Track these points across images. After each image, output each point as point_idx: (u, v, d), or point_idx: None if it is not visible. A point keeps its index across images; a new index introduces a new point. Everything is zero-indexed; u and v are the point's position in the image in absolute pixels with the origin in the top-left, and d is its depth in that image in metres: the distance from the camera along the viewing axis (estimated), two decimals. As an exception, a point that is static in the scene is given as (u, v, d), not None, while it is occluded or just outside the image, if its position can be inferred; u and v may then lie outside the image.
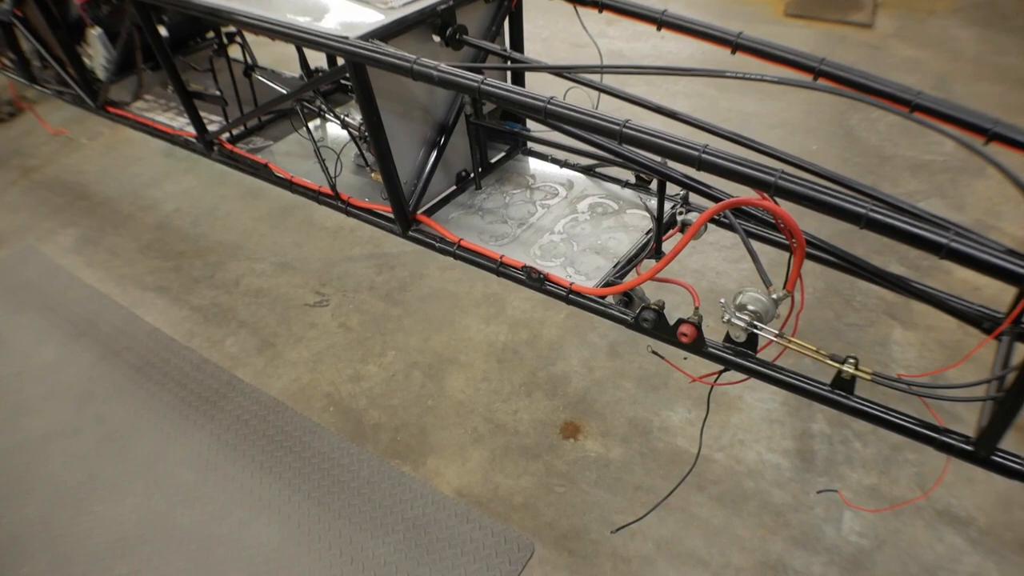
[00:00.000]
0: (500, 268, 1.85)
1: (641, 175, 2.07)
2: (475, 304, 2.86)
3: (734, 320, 1.54)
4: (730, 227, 1.88)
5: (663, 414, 2.44)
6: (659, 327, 1.64)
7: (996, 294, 2.63)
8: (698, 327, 1.59)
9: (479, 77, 1.48)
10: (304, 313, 2.90)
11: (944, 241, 1.13)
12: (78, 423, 2.59)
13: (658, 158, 1.65)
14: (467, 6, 1.92)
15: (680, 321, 1.61)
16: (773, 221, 1.74)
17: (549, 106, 1.40)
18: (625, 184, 2.11)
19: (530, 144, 2.29)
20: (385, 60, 1.60)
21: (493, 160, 2.25)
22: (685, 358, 1.82)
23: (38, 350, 2.90)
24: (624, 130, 1.34)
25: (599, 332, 2.70)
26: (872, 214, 1.18)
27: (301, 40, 1.77)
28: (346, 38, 1.67)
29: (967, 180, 3.41)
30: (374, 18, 1.76)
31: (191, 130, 2.60)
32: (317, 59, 2.67)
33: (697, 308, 1.61)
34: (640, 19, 1.82)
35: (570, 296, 1.75)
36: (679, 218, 1.92)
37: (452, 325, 2.78)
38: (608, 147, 1.74)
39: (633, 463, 2.30)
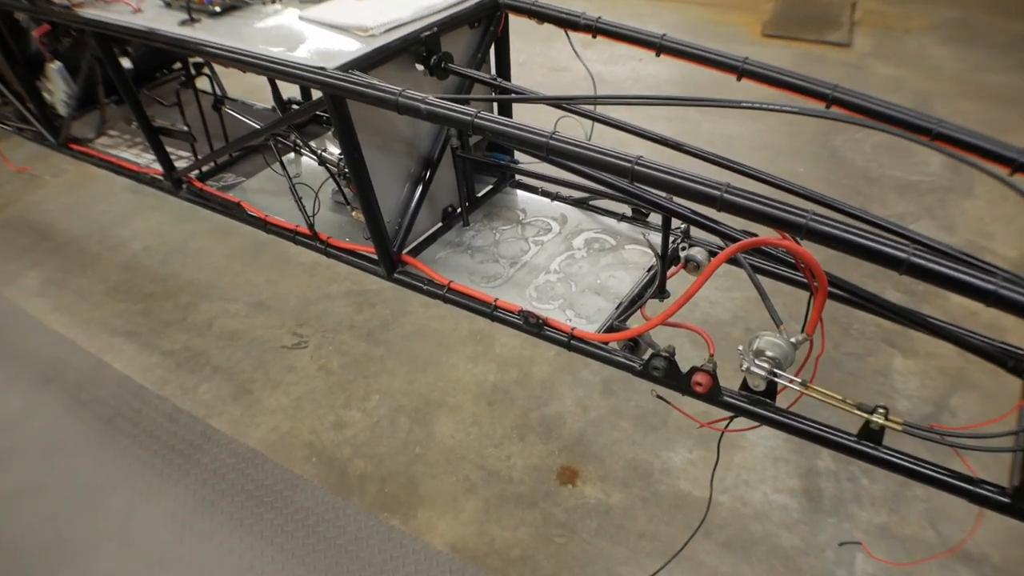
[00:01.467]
0: (494, 312, 1.73)
1: (640, 208, 1.97)
2: (461, 342, 2.73)
3: (754, 369, 1.44)
4: (735, 262, 1.79)
5: (663, 455, 2.32)
6: (671, 376, 1.53)
7: (993, 319, 2.57)
8: (713, 375, 1.49)
9: (471, 110, 1.37)
10: (281, 356, 2.76)
11: (992, 288, 1.03)
12: (44, 479, 2.42)
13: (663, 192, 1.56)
14: (451, 32, 1.82)
15: (694, 369, 1.50)
16: (788, 258, 1.65)
17: (552, 142, 1.29)
18: (621, 217, 2.02)
19: (518, 176, 2.19)
20: (367, 93, 1.49)
21: (480, 194, 2.14)
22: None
23: (1, 400, 2.71)
24: (636, 167, 1.23)
25: (592, 369, 2.59)
26: (914, 259, 1.09)
27: (275, 72, 1.65)
28: (324, 69, 1.56)
29: (955, 200, 3.37)
30: (353, 47, 1.65)
31: (158, 167, 2.46)
32: (290, 90, 2.56)
33: (712, 355, 1.50)
34: (638, 44, 1.73)
35: (572, 342, 1.64)
36: (682, 254, 1.81)
37: (438, 365, 2.65)
38: (608, 181, 1.63)
39: (635, 509, 2.18)
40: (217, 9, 1.91)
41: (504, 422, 2.43)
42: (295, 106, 2.62)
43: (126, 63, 2.72)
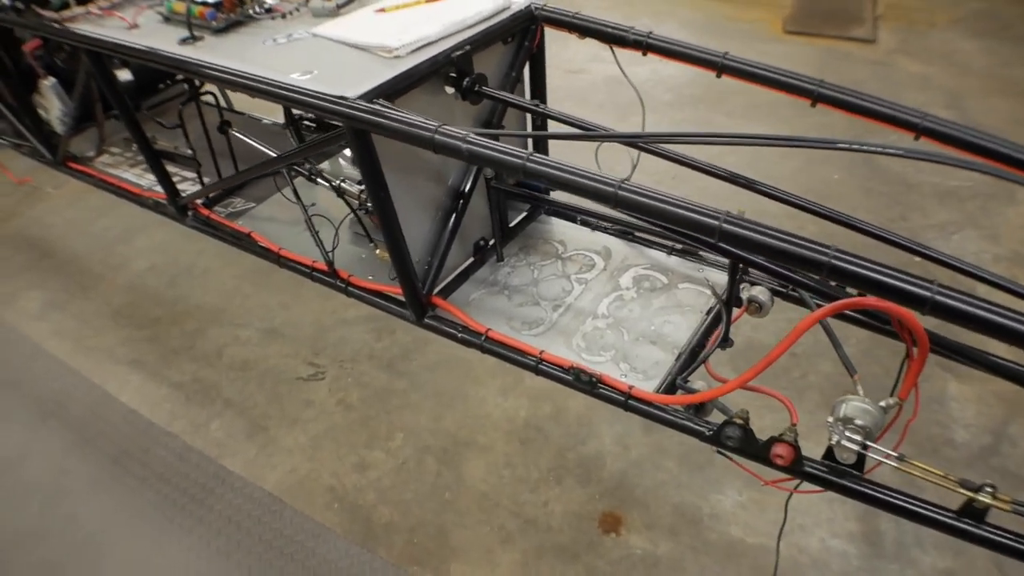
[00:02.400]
0: (540, 366, 1.55)
1: (695, 246, 1.79)
2: (489, 373, 2.56)
3: (844, 443, 1.26)
4: (799, 301, 1.62)
5: (712, 498, 2.15)
6: (746, 445, 1.36)
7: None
8: (796, 447, 1.31)
9: (523, 153, 1.19)
10: (297, 388, 2.59)
11: None
12: (46, 525, 2.26)
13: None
14: (483, 51, 1.63)
15: (772, 440, 1.33)
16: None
17: (620, 192, 1.11)
18: (671, 251, 1.83)
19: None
20: (398, 128, 1.31)
21: (512, 224, 1.96)
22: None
23: (-1, 435, 2.56)
24: (724, 226, 1.05)
25: (631, 401, 2.41)
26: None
27: (289, 100, 1.47)
28: (345, 98, 1.37)
29: (998, 207, 3.18)
30: (377, 71, 1.46)
31: (161, 189, 2.29)
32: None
33: (794, 425, 1.33)
34: (695, 63, 1.54)
35: (629, 403, 1.47)
36: (744, 295, 1.63)
37: (465, 399, 2.48)
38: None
39: (685, 560, 2.02)
40: (220, 25, 1.72)
41: (539, 463, 2.26)
42: (307, 123, 2.44)
43: (125, 75, 2.54)
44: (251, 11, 1.75)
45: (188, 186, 2.35)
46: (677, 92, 4.18)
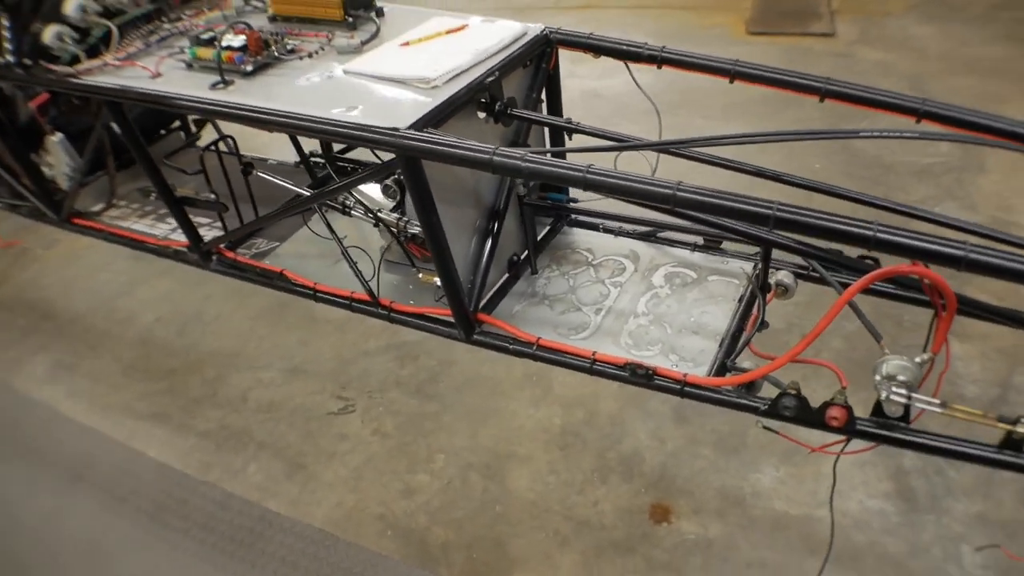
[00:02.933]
0: (594, 367, 1.64)
1: (711, 238, 1.90)
2: (517, 386, 2.63)
3: (892, 396, 1.37)
4: (821, 280, 1.73)
5: (751, 478, 2.25)
6: (802, 414, 1.45)
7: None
8: (849, 408, 1.42)
9: (582, 166, 1.28)
10: (329, 423, 2.63)
11: None
12: (92, 588, 2.26)
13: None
14: (508, 76, 1.72)
15: (826, 404, 1.43)
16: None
17: (679, 193, 1.21)
18: (694, 247, 1.94)
19: (575, 215, 2.10)
20: (455, 154, 1.39)
21: (539, 238, 2.05)
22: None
23: (29, 503, 2.53)
24: (778, 213, 1.16)
25: (659, 398, 2.50)
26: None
27: (342, 137, 1.54)
28: (397, 130, 1.45)
29: (971, 178, 3.38)
30: (419, 101, 1.54)
31: (178, 238, 2.33)
32: (308, 143, 2.44)
33: (844, 388, 1.44)
34: (709, 72, 1.66)
35: (685, 390, 1.56)
36: (772, 280, 1.74)
37: (498, 414, 2.55)
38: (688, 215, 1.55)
39: (736, 539, 2.11)
40: (249, 68, 1.78)
41: (582, 466, 2.34)
42: (315, 159, 2.51)
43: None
44: (276, 53, 1.82)
45: (205, 232, 2.38)
46: (656, 97, 4.33)
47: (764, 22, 4.90)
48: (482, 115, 1.67)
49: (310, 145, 2.49)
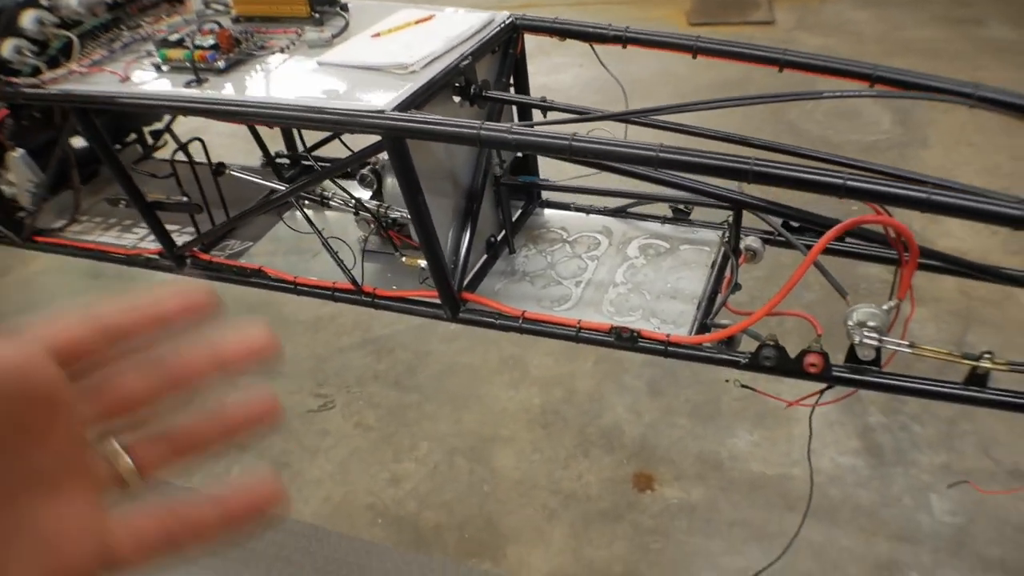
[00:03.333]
0: (580, 334, 1.70)
1: (679, 207, 1.99)
2: (495, 371, 2.69)
3: (865, 340, 1.47)
4: (786, 244, 1.83)
5: (728, 443, 2.35)
6: (782, 363, 1.54)
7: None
8: (825, 355, 1.51)
9: (567, 133, 1.34)
10: (310, 421, 2.64)
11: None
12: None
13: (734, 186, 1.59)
14: (479, 61, 1.78)
15: (803, 352, 1.52)
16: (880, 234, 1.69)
17: (661, 155, 1.28)
18: (664, 220, 2.02)
19: (545, 196, 2.17)
20: (443, 131, 1.44)
21: (514, 218, 2.10)
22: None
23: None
24: (755, 168, 1.24)
25: (632, 373, 2.59)
26: None
27: (327, 123, 1.58)
28: (381, 111, 1.50)
29: (914, 153, 3.56)
30: (398, 86, 1.59)
31: (147, 246, 2.32)
32: (273, 143, 2.46)
33: (819, 336, 1.53)
34: (672, 49, 1.74)
35: (669, 349, 1.63)
36: (740, 245, 1.83)
37: (479, 399, 2.59)
38: (662, 181, 1.63)
39: (718, 501, 2.19)
40: (222, 65, 1.80)
41: (564, 442, 2.40)
42: (280, 160, 2.52)
43: (79, 141, 2.55)
44: (248, 50, 1.84)
45: (177, 238, 2.37)
46: (605, 93, 4.44)
47: (704, 12, 5.06)
48: (457, 99, 1.72)
49: (274, 147, 2.51)
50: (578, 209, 2.12)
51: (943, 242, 3.04)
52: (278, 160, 2.53)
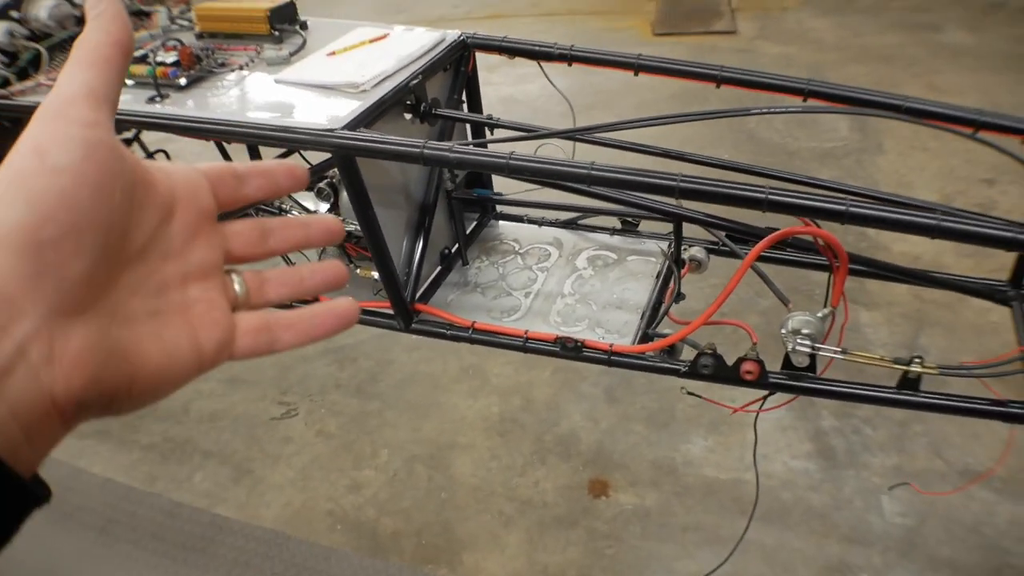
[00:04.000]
0: (527, 344, 1.74)
1: (629, 219, 2.04)
2: (455, 380, 2.73)
3: (798, 348, 1.53)
4: (730, 253, 1.89)
5: (682, 448, 2.40)
6: (719, 371, 1.59)
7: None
8: (760, 362, 1.57)
9: (505, 153, 1.39)
10: (273, 428, 2.67)
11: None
12: (41, 610, 2.25)
13: (673, 201, 1.65)
14: (431, 79, 1.83)
15: (740, 360, 1.58)
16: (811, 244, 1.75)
17: (593, 172, 1.34)
18: (612, 231, 2.07)
19: (500, 208, 2.22)
20: (388, 149, 1.49)
21: (467, 231, 2.15)
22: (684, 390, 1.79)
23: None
24: (682, 184, 1.30)
25: (590, 381, 2.64)
26: (943, 224, 1.21)
27: (278, 140, 1.61)
28: (331, 130, 1.54)
29: (870, 159, 3.65)
30: (349, 105, 1.63)
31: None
32: (239, 154, 2.49)
33: (755, 344, 1.58)
34: (615, 67, 1.80)
35: (612, 358, 1.68)
36: (685, 255, 1.89)
37: (439, 407, 2.63)
38: (612, 197, 1.68)
39: (672, 505, 2.25)
40: (183, 82, 1.84)
41: (521, 450, 2.44)
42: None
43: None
44: (208, 67, 1.88)
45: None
46: (571, 101, 4.51)
47: (668, 23, 5.15)
48: (408, 116, 1.77)
49: (240, 159, 2.54)
50: (531, 221, 2.17)
51: (898, 247, 3.12)
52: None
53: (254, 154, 2.53)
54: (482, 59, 2.02)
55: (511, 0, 6.22)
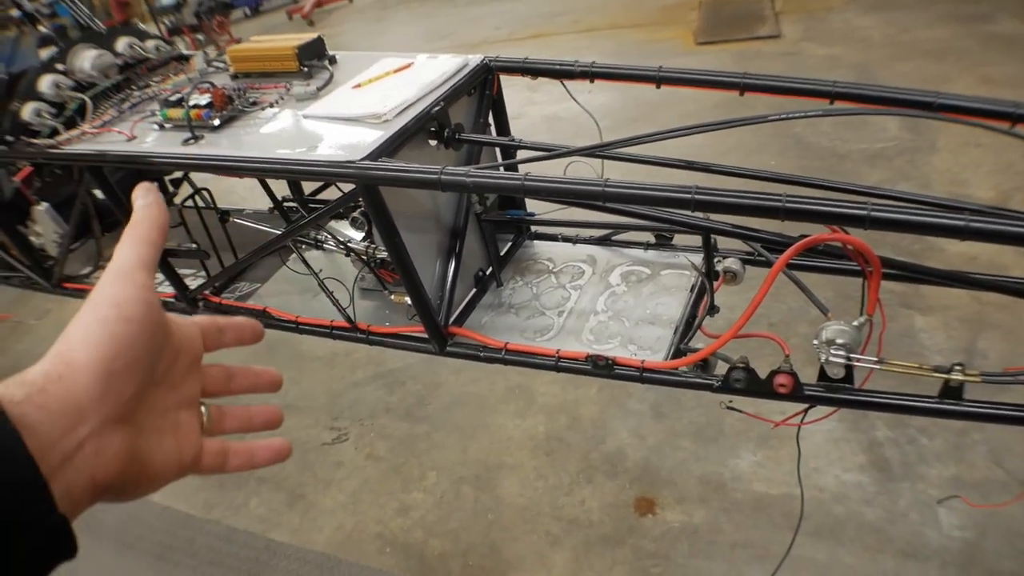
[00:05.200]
0: (559, 364, 1.74)
1: (664, 233, 2.02)
2: (502, 400, 2.74)
3: (832, 359, 1.48)
4: (766, 264, 1.85)
5: (730, 463, 2.35)
6: (752, 385, 1.56)
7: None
8: (794, 375, 1.53)
9: (519, 175, 1.40)
10: (325, 453, 2.72)
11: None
12: (107, 636, 2.34)
13: (700, 214, 1.62)
14: (455, 104, 1.86)
15: (773, 373, 1.54)
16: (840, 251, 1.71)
17: (607, 189, 1.33)
18: (647, 246, 2.06)
19: (534, 228, 2.23)
20: (406, 177, 1.52)
21: (502, 253, 2.17)
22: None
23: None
24: (696, 196, 1.28)
25: (636, 397, 2.61)
26: (972, 224, 1.16)
27: (303, 174, 1.67)
28: (351, 162, 1.58)
29: (924, 158, 3.52)
30: (372, 135, 1.67)
31: (164, 289, 2.44)
32: (279, 188, 2.57)
33: (788, 356, 1.55)
34: (637, 81, 1.79)
35: (644, 375, 1.66)
36: (719, 267, 1.86)
37: (486, 428, 2.65)
38: (641, 213, 1.68)
39: (720, 522, 2.20)
40: (216, 122, 1.91)
41: (568, 469, 2.43)
42: (288, 204, 2.64)
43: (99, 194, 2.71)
44: (240, 107, 1.95)
45: (190, 282, 2.50)
46: (613, 114, 4.49)
47: (711, 32, 5.09)
48: (433, 142, 1.80)
49: (283, 192, 2.63)
50: (565, 239, 2.18)
51: (954, 247, 3.00)
52: (286, 205, 2.65)
53: (294, 187, 2.62)
54: (524, 80, 2.03)
55: (553, 19, 6.26)
